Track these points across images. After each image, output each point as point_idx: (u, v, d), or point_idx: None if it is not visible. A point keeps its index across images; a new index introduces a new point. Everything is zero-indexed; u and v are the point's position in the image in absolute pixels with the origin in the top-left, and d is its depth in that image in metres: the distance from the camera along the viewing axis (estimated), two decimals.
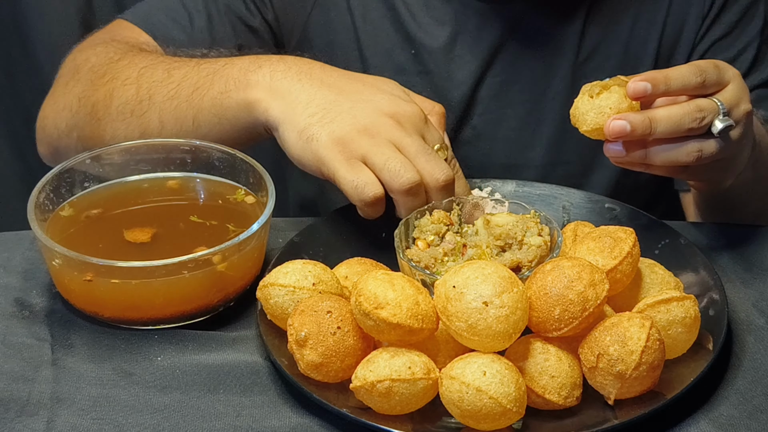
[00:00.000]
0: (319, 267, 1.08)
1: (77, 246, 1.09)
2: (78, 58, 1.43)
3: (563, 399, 0.99)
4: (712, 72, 1.14)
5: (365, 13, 1.47)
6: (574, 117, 1.15)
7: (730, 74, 1.16)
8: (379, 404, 0.98)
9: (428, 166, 1.16)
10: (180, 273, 1.08)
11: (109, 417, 1.01)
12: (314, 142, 1.17)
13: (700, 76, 1.13)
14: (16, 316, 1.13)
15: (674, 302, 1.03)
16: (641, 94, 1.12)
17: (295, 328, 1.02)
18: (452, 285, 0.99)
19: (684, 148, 1.13)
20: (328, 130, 1.17)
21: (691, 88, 1.13)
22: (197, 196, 1.25)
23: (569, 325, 0.99)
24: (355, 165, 1.15)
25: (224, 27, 1.46)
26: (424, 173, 1.16)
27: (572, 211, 1.26)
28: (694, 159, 1.13)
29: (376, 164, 1.15)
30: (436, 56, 1.47)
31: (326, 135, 1.16)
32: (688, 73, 1.13)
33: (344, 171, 1.15)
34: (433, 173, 1.16)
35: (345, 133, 1.16)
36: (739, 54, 1.47)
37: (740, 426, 1.00)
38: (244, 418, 1.01)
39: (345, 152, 1.16)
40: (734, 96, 1.15)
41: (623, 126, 1.11)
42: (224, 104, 1.25)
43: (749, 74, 1.47)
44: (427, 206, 1.18)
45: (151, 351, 1.09)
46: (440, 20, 1.46)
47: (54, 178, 1.19)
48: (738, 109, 1.16)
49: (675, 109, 1.12)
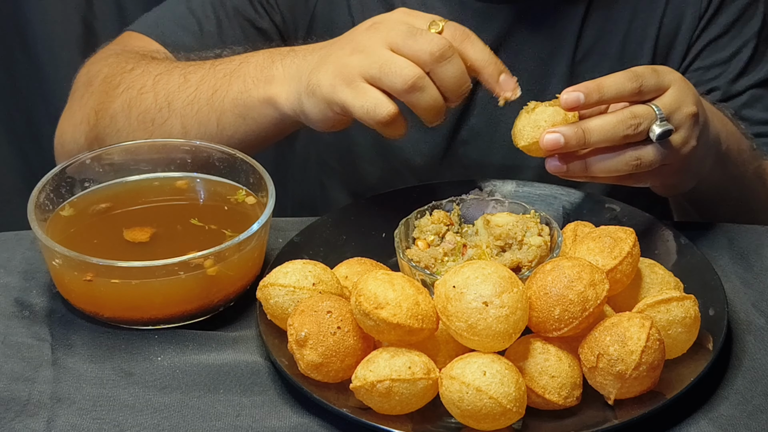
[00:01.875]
0: (319, 267, 1.08)
1: (77, 246, 1.09)
2: (91, 71, 1.44)
3: (563, 399, 0.99)
4: (649, 77, 1.13)
5: (365, 12, 1.47)
6: (513, 134, 1.14)
7: (670, 78, 1.15)
8: (379, 404, 0.98)
9: (417, 46, 1.12)
10: (180, 273, 1.08)
11: (109, 417, 1.01)
12: (317, 89, 1.16)
13: (635, 81, 1.12)
14: (16, 316, 1.13)
15: (674, 302, 1.03)
16: (574, 104, 1.11)
17: (295, 328, 1.02)
18: (452, 285, 0.99)
19: (622, 157, 1.11)
20: (323, 71, 1.16)
21: (627, 94, 1.12)
22: (197, 197, 1.25)
23: (569, 325, 0.99)
24: (358, 87, 1.13)
25: (234, 30, 1.46)
26: (418, 58, 1.12)
27: (572, 211, 1.26)
28: (633, 167, 1.12)
29: (374, 76, 1.12)
30: None
31: (323, 76, 1.15)
32: (623, 79, 1.12)
33: (351, 98, 1.13)
34: (425, 54, 1.11)
35: (337, 64, 1.15)
36: (734, 54, 1.47)
37: (740, 426, 1.00)
38: (244, 418, 1.01)
39: (345, 79, 1.13)
40: (674, 100, 1.14)
41: (557, 138, 1.10)
42: (247, 103, 1.25)
43: (744, 74, 1.46)
44: (428, 206, 1.18)
45: (151, 351, 1.09)
46: None
47: (54, 178, 1.19)
48: (679, 113, 1.14)
49: (609, 117, 1.11)
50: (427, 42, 1.12)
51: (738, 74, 1.47)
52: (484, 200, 1.20)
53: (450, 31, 1.15)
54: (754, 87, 1.46)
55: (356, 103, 1.12)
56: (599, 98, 1.11)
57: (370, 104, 1.12)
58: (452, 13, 1.46)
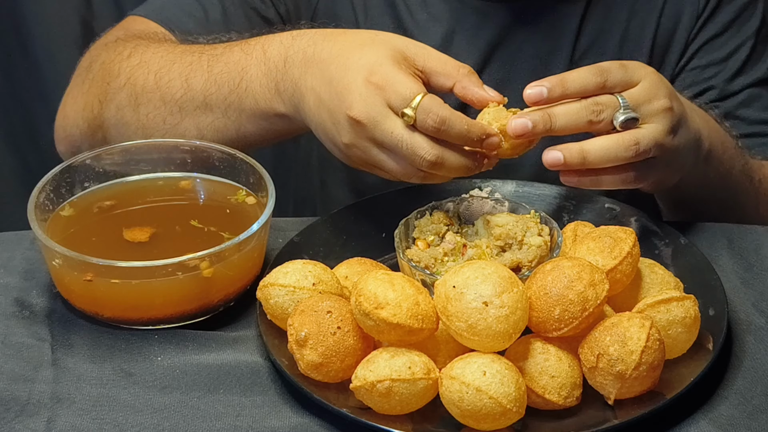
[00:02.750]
0: (319, 267, 1.08)
1: (77, 246, 1.09)
2: (92, 56, 1.43)
3: (563, 399, 0.99)
4: (616, 72, 1.14)
5: (366, 9, 1.48)
6: None
7: (641, 73, 1.16)
8: (379, 404, 0.98)
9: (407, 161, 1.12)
10: (178, 274, 1.08)
11: (109, 417, 1.01)
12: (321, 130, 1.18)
13: (600, 76, 1.13)
14: (16, 316, 1.13)
15: (674, 302, 1.03)
16: (537, 97, 1.12)
17: (295, 328, 1.02)
18: (452, 285, 0.99)
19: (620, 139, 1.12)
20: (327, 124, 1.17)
21: (591, 89, 1.13)
22: (197, 197, 1.25)
23: (569, 325, 0.99)
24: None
25: (239, 18, 1.45)
26: (408, 173, 1.13)
27: (572, 211, 1.26)
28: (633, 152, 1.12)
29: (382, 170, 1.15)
30: None
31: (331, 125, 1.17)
32: (587, 74, 1.13)
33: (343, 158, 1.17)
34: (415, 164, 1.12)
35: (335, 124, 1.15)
36: (731, 53, 1.47)
37: (740, 426, 1.00)
38: (244, 418, 1.01)
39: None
40: (644, 93, 1.15)
41: (524, 123, 1.11)
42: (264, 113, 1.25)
43: (741, 73, 1.47)
44: (428, 206, 1.18)
45: (151, 351, 1.09)
46: (437, 18, 1.46)
47: (54, 178, 1.19)
48: (649, 105, 1.14)
49: (572, 104, 1.13)
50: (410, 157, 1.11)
51: (735, 73, 1.47)
52: (484, 200, 1.20)
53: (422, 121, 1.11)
54: (751, 86, 1.46)
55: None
56: (562, 92, 1.12)
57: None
58: (451, 11, 1.46)
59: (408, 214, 1.17)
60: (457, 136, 1.11)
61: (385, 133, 1.12)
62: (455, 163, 1.13)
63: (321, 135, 1.19)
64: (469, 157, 1.14)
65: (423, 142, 1.11)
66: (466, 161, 1.13)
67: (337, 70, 1.16)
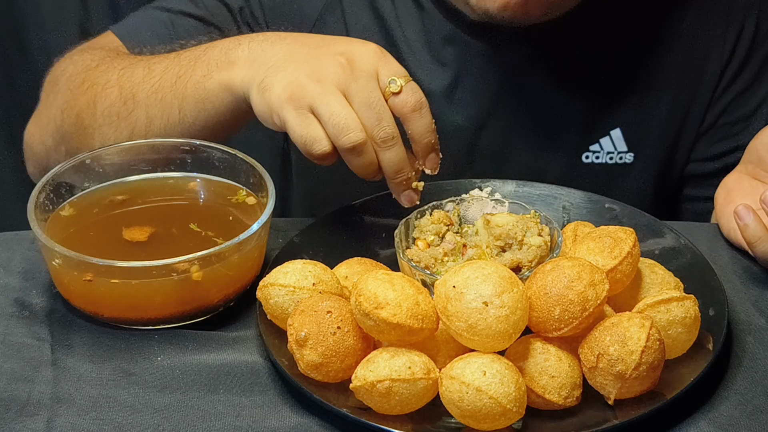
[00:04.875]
0: (319, 267, 1.08)
1: (77, 246, 1.09)
2: (56, 70, 1.43)
3: (563, 399, 0.99)
4: None
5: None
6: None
7: None
8: (379, 404, 0.98)
9: (370, 121, 1.13)
10: (175, 275, 1.07)
11: (109, 417, 1.01)
12: (267, 92, 1.16)
13: None
14: (16, 316, 1.13)
15: (674, 302, 1.03)
16: None
17: (295, 328, 1.02)
18: (452, 285, 0.99)
19: None
20: (280, 78, 1.16)
21: None
22: (197, 197, 1.25)
23: (569, 325, 0.99)
24: (304, 117, 1.14)
25: None
26: (366, 129, 1.13)
27: (572, 211, 1.26)
28: None
29: (323, 117, 1.13)
30: (436, 98, 1.42)
31: (278, 83, 1.16)
32: None
33: (294, 122, 1.14)
34: (373, 129, 1.13)
35: (294, 79, 1.15)
36: (756, 108, 1.45)
37: (740, 426, 1.00)
38: (244, 418, 1.01)
39: (295, 101, 1.14)
40: None
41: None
42: (207, 87, 1.24)
43: None
44: (428, 206, 1.18)
45: (151, 351, 1.09)
46: (441, 61, 1.43)
47: (54, 178, 1.19)
48: None
49: None
50: (376, 121, 1.13)
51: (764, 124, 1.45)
52: (484, 200, 1.20)
53: (406, 95, 1.14)
54: None
55: (297, 130, 1.14)
56: None
57: (309, 137, 1.13)
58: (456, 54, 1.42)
59: (408, 214, 1.17)
60: (422, 127, 1.14)
61: (368, 83, 1.13)
62: (399, 154, 1.14)
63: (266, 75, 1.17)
64: (410, 161, 1.15)
65: (390, 115, 1.13)
66: (406, 160, 1.15)
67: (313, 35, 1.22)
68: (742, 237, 1.18)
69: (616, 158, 1.46)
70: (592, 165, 1.46)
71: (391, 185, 1.17)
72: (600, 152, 1.46)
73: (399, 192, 1.17)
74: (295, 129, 1.13)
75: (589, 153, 1.46)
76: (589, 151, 1.46)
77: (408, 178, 1.16)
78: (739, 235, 1.18)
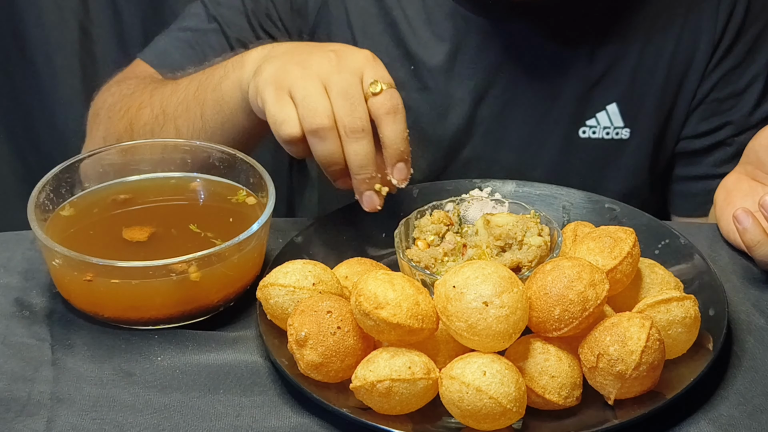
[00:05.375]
0: (319, 267, 1.08)
1: (77, 246, 1.09)
2: (97, 103, 1.47)
3: (563, 399, 0.99)
4: None
5: (365, 27, 1.46)
6: None
7: None
8: (379, 404, 0.98)
9: (343, 110, 1.13)
10: (174, 275, 1.07)
11: (109, 417, 1.01)
12: (257, 76, 1.18)
13: None
14: (16, 316, 1.13)
15: (674, 302, 1.03)
16: None
17: (295, 328, 1.02)
18: (452, 285, 0.99)
19: None
20: (271, 65, 1.18)
21: None
22: (197, 197, 1.25)
23: (569, 325, 0.99)
24: (282, 98, 1.14)
25: None
26: (337, 117, 1.13)
27: (572, 211, 1.27)
28: None
29: (296, 98, 1.13)
30: (435, 73, 1.45)
31: (268, 68, 1.17)
32: None
33: (271, 103, 1.15)
34: (344, 118, 1.13)
35: (282, 65, 1.16)
36: (748, 85, 1.46)
37: (740, 426, 1.00)
38: (244, 418, 1.01)
39: (276, 83, 1.15)
40: None
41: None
42: (223, 88, 1.27)
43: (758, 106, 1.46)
44: (428, 206, 1.18)
45: (151, 351, 1.09)
46: (441, 36, 1.45)
47: (54, 178, 1.19)
48: None
49: None
50: (348, 111, 1.13)
51: (753, 106, 1.46)
52: (484, 200, 1.20)
53: (384, 97, 1.15)
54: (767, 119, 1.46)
55: (270, 109, 1.15)
56: None
57: (280, 117, 1.14)
58: (455, 29, 1.44)
59: (408, 214, 1.17)
60: (394, 132, 1.14)
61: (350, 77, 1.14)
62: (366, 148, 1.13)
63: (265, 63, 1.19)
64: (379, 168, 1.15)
65: (365, 110, 1.13)
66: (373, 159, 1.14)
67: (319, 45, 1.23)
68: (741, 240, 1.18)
69: (613, 133, 1.47)
70: (588, 140, 1.47)
71: (354, 182, 1.16)
72: (596, 127, 1.47)
73: (361, 191, 1.16)
74: (270, 108, 1.15)
75: (586, 128, 1.47)
76: (585, 126, 1.47)
77: (372, 177, 1.15)
78: (739, 237, 1.18)
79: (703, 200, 1.47)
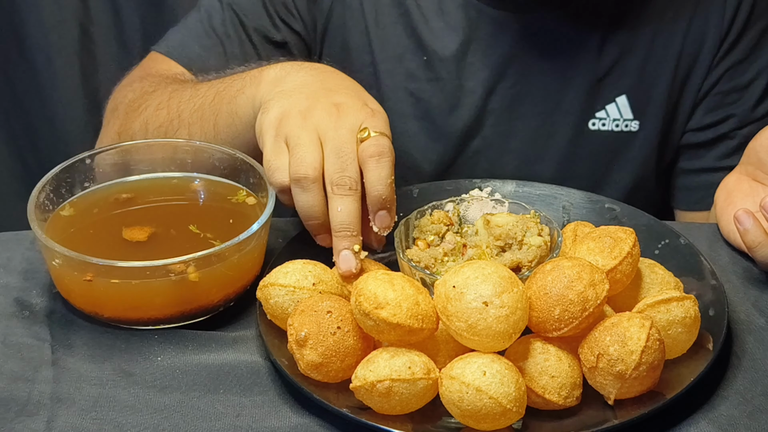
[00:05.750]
0: (319, 267, 1.08)
1: (77, 246, 1.09)
2: (117, 98, 1.47)
3: (563, 399, 0.99)
4: None
5: (377, 17, 1.47)
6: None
7: None
8: (379, 404, 0.98)
9: (333, 167, 1.11)
10: (173, 275, 1.07)
11: (109, 417, 1.01)
12: (264, 114, 1.17)
13: None
14: (16, 316, 1.13)
15: (674, 302, 1.03)
16: None
17: (295, 328, 1.02)
18: (452, 285, 0.99)
19: None
20: (279, 104, 1.17)
21: None
22: (197, 197, 1.25)
23: (569, 325, 0.99)
24: (279, 146, 1.14)
25: (256, 50, 1.48)
26: (326, 171, 1.12)
27: (572, 211, 1.27)
28: None
29: (290, 146, 1.13)
30: (447, 63, 1.46)
31: (275, 108, 1.17)
32: None
33: (268, 149, 1.15)
34: (333, 174, 1.11)
35: (287, 110, 1.16)
36: (752, 79, 1.46)
37: (740, 426, 1.00)
38: (244, 418, 1.01)
39: (277, 129, 1.15)
40: None
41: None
42: (237, 101, 1.26)
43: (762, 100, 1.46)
44: (428, 206, 1.18)
45: (151, 351, 1.09)
46: (453, 27, 1.45)
47: (54, 178, 1.19)
48: None
49: None
50: (339, 168, 1.11)
51: (757, 101, 1.46)
52: (484, 200, 1.20)
53: (370, 141, 1.12)
54: None
55: (266, 155, 1.15)
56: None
57: (273, 165, 1.14)
58: (468, 20, 1.44)
59: (408, 214, 1.17)
60: (376, 176, 1.11)
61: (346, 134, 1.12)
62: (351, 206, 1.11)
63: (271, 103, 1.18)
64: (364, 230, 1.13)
65: (357, 170, 1.11)
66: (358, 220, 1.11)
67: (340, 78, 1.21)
68: (741, 241, 1.18)
69: (622, 126, 1.48)
70: (598, 132, 1.48)
71: (334, 240, 1.12)
72: (606, 119, 1.48)
73: (339, 249, 1.11)
74: (266, 154, 1.15)
75: (596, 120, 1.48)
76: (595, 118, 1.48)
77: (352, 235, 1.11)
78: (739, 238, 1.18)
79: (706, 194, 1.47)
